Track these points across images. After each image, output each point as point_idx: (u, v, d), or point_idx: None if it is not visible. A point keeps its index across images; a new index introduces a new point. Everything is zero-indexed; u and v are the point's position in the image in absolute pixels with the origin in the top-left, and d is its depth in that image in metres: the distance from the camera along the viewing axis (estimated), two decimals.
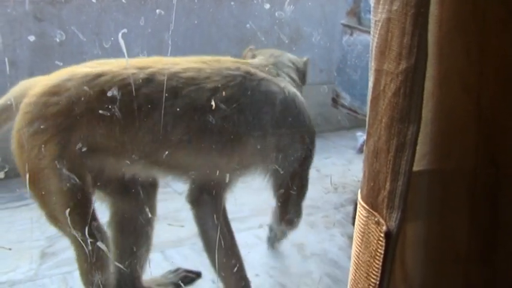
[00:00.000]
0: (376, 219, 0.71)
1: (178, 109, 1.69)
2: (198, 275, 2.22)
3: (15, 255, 2.22)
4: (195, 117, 1.72)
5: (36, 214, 2.54)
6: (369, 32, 2.66)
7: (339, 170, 3.11)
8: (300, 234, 2.41)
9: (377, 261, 0.71)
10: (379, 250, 0.69)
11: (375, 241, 0.71)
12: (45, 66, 2.88)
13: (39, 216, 2.51)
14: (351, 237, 2.41)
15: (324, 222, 2.52)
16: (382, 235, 0.69)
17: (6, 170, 1.98)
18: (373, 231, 0.71)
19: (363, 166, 0.78)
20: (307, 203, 2.68)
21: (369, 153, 0.74)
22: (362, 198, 0.77)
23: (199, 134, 1.76)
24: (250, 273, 2.05)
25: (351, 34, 2.68)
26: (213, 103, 1.70)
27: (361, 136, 3.45)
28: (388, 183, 0.72)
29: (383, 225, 0.70)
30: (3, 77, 2.84)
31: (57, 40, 2.86)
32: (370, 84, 0.80)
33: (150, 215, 1.98)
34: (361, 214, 0.75)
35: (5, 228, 2.41)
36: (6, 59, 2.70)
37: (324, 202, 2.70)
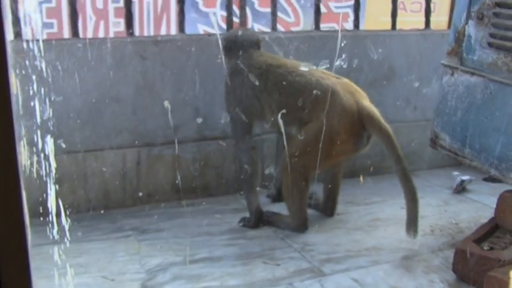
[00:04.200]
0: None
1: None
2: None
3: (117, 287, 2.30)
4: None
5: (135, 246, 2.64)
6: (471, 73, 2.58)
7: (434, 211, 3.02)
8: (397, 278, 2.36)
9: None
10: None
11: None
12: (147, 103, 3.02)
13: (138, 248, 2.62)
14: (451, 285, 2.33)
15: (421, 267, 2.45)
16: None
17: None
18: None
19: None
20: (402, 245, 2.63)
21: None
22: None
23: None
24: None
25: (452, 74, 2.62)
26: None
27: (457, 176, 3.35)
28: None
29: None
30: (111, 112, 3.00)
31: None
32: None
33: None
34: None
35: (107, 259, 2.51)
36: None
37: (421, 245, 2.62)
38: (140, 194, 3.05)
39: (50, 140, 2.16)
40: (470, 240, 2.38)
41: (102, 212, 2.97)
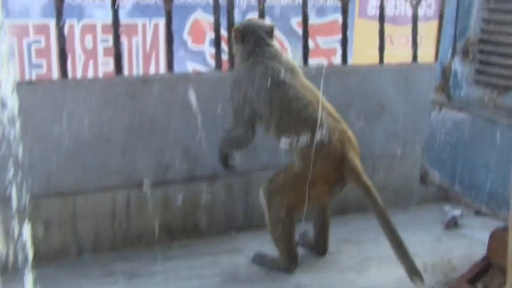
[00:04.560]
0: None
1: None
2: None
3: None
4: None
5: None
6: (458, 109, 2.58)
7: (426, 248, 2.98)
8: None
9: None
10: None
11: None
12: (136, 144, 3.00)
13: None
14: None
15: None
16: None
17: None
18: None
19: None
20: (393, 285, 2.60)
21: None
22: None
23: None
24: None
25: (440, 110, 2.63)
26: None
27: (448, 211, 3.34)
28: None
29: None
30: (100, 153, 2.98)
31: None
32: None
33: None
34: None
35: None
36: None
37: (414, 284, 2.59)
38: (130, 236, 3.02)
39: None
40: (463, 279, 2.37)
41: (92, 255, 2.92)
